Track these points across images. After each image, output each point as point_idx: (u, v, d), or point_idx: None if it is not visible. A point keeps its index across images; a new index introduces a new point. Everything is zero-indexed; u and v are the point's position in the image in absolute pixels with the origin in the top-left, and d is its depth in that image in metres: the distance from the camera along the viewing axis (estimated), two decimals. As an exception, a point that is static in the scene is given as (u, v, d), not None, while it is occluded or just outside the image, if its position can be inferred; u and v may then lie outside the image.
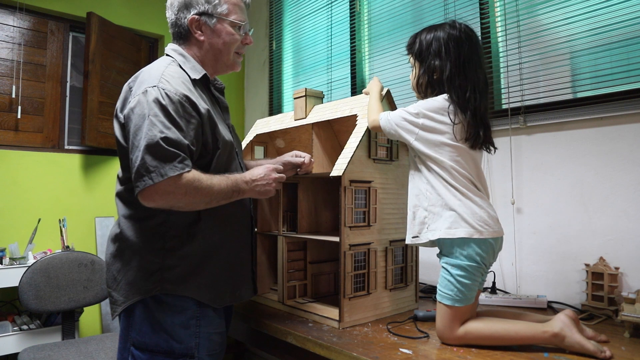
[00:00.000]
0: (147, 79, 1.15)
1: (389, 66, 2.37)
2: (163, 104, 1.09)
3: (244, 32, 1.33)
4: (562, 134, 1.67)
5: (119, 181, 1.25)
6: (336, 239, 1.37)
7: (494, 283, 1.73)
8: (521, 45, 1.81)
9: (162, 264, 1.16)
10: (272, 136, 1.99)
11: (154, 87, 1.11)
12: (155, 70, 1.17)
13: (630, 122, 1.51)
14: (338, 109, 1.60)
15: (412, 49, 1.32)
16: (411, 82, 1.35)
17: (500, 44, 1.90)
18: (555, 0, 1.72)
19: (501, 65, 1.89)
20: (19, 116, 2.74)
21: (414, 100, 1.32)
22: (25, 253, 2.48)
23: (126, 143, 1.15)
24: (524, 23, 1.81)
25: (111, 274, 1.22)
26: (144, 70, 1.21)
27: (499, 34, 1.90)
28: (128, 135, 1.11)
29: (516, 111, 1.79)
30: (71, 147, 2.99)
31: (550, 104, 1.70)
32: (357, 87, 2.59)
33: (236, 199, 1.21)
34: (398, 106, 1.43)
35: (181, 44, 1.31)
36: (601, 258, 1.52)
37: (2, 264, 2.37)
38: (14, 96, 2.71)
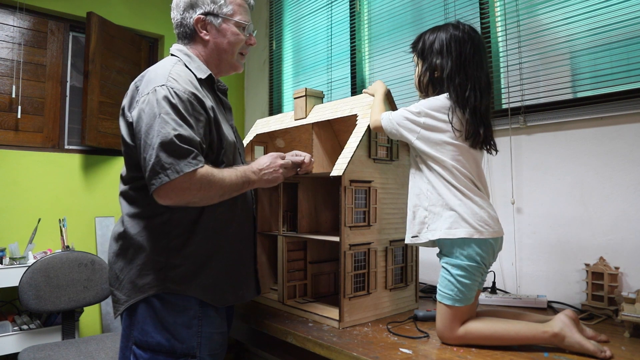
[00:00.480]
0: (154, 77, 1.15)
1: (389, 66, 2.37)
2: (173, 102, 1.09)
3: (248, 32, 1.35)
4: (562, 133, 1.67)
5: (123, 180, 1.25)
6: (336, 238, 1.37)
7: (494, 283, 1.73)
8: (521, 45, 1.81)
9: (166, 262, 1.16)
10: (272, 136, 1.99)
11: (163, 85, 1.11)
12: (162, 69, 1.17)
13: (630, 122, 1.51)
14: (338, 108, 1.60)
15: (416, 47, 1.34)
16: (414, 80, 1.37)
17: (500, 44, 1.90)
18: (555, 0, 1.72)
19: (501, 65, 1.89)
20: (19, 116, 2.74)
21: (414, 100, 1.33)
22: (25, 253, 2.48)
23: (133, 142, 1.15)
24: (524, 23, 1.81)
25: (114, 272, 1.22)
26: (150, 70, 1.21)
27: (499, 34, 1.90)
28: (137, 134, 1.11)
29: (516, 111, 1.79)
30: (71, 147, 2.99)
31: (550, 104, 1.70)
32: (357, 87, 2.59)
33: (247, 189, 1.23)
34: (398, 106, 1.44)
35: (186, 44, 1.32)
36: (601, 258, 1.52)
37: (2, 264, 2.38)
38: (14, 96, 2.72)
